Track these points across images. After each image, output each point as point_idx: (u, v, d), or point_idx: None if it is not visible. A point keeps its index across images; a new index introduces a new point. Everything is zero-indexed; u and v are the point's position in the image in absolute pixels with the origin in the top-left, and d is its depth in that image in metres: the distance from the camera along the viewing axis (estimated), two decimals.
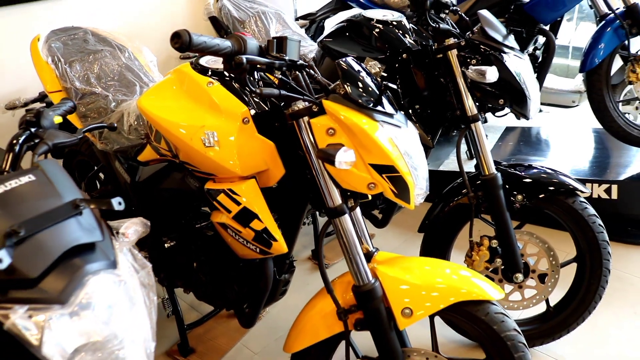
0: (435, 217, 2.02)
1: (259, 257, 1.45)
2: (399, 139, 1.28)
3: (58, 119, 1.18)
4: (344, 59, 1.29)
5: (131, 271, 0.93)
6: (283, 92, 1.17)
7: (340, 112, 1.23)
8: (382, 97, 1.28)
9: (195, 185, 1.54)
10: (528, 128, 3.43)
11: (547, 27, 2.69)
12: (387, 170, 1.25)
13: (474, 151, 1.88)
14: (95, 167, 2.20)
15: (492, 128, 3.43)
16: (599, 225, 1.91)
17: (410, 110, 1.95)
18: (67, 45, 2.03)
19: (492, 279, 1.98)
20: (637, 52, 2.52)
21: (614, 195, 2.61)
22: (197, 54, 1.85)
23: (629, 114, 3.04)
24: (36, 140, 1.09)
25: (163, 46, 3.00)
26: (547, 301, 2.02)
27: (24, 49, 2.13)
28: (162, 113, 1.45)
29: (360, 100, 1.24)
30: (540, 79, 2.78)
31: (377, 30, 1.96)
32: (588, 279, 1.94)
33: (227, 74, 1.44)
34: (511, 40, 1.83)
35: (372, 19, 1.99)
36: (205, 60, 1.51)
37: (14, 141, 1.05)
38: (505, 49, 1.78)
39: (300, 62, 1.22)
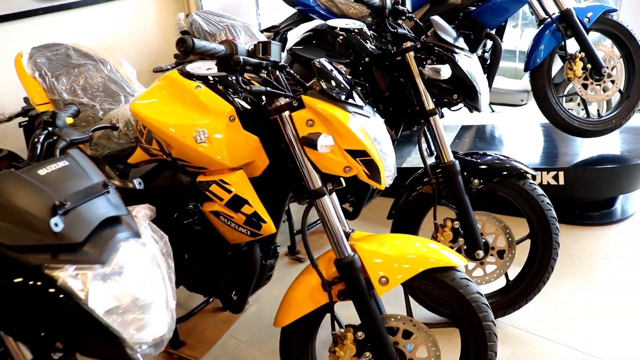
0: (401, 206, 2.22)
1: (249, 239, 1.61)
2: (368, 128, 1.47)
3: (70, 120, 1.32)
4: (318, 60, 1.48)
5: (152, 241, 1.08)
6: (269, 89, 1.35)
7: (317, 105, 1.42)
8: (353, 92, 1.47)
9: (187, 180, 1.69)
10: (482, 126, 3.69)
11: (493, 32, 2.96)
12: (360, 154, 1.45)
13: (434, 142, 2.09)
14: None
15: (448, 127, 3.67)
16: (547, 203, 2.14)
17: (374, 108, 2.16)
18: (51, 61, 2.15)
19: None
20: (575, 52, 2.80)
21: (561, 182, 2.87)
22: (168, 67, 2.03)
23: (572, 109, 3.34)
24: (54, 138, 1.23)
25: (137, 60, 3.13)
26: (506, 275, 2.24)
27: (2, 66, 2.23)
28: (155, 115, 1.61)
29: (334, 94, 1.43)
30: (490, 79, 3.03)
31: (340, 37, 2.16)
32: (541, 252, 2.18)
33: (211, 78, 1.61)
34: (461, 42, 2.06)
35: (336, 28, 2.20)
36: (191, 68, 1.68)
37: (36, 139, 1.19)
38: (456, 50, 2.01)
39: (282, 63, 1.41)
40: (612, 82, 2.86)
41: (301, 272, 1.65)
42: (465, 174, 2.11)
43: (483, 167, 2.11)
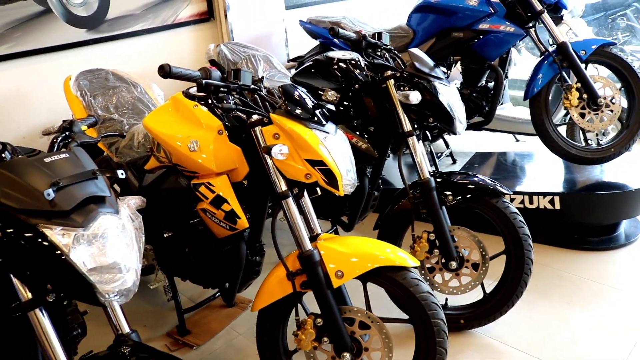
0: (385, 218, 2.45)
1: (228, 233, 1.90)
2: (328, 142, 1.74)
3: (84, 127, 1.68)
4: (286, 84, 1.78)
5: (129, 218, 1.39)
6: (239, 107, 1.66)
7: (282, 122, 1.71)
8: (316, 112, 1.75)
9: (185, 183, 2.01)
10: (497, 153, 3.85)
11: (496, 63, 3.16)
12: (318, 163, 1.72)
13: (412, 161, 2.32)
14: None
15: (462, 154, 3.86)
16: (520, 221, 2.31)
17: (362, 129, 2.42)
18: (92, 83, 2.57)
19: (434, 269, 2.39)
20: (575, 83, 2.95)
21: (557, 206, 2.99)
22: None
23: (590, 139, 3.43)
24: (69, 140, 1.58)
25: (173, 84, 3.55)
26: (483, 288, 2.40)
27: (54, 87, 2.68)
28: (161, 128, 1.95)
29: (297, 114, 1.72)
30: (492, 108, 3.22)
31: (334, 67, 2.45)
32: (514, 268, 2.33)
33: (210, 101, 1.94)
34: (438, 72, 2.30)
35: (334, 58, 2.49)
36: (194, 90, 2.02)
37: (54, 139, 1.55)
38: (432, 79, 2.25)
39: (253, 87, 1.71)
40: (611, 111, 2.98)
41: (275, 266, 1.92)
42: (441, 190, 2.32)
43: (458, 184, 2.31)
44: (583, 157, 3.03)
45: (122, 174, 1.38)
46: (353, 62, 2.45)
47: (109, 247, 1.32)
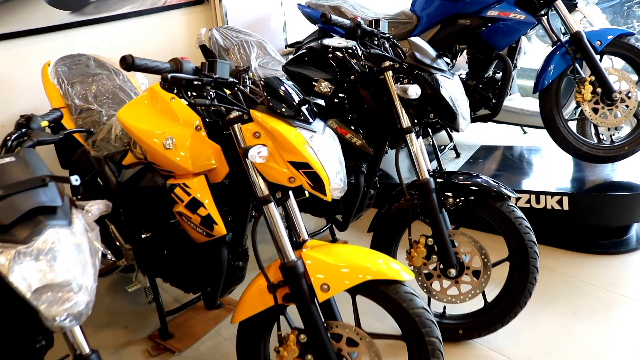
0: (381, 217, 2.28)
1: (206, 239, 1.75)
2: (314, 142, 1.57)
3: (44, 123, 1.52)
4: (269, 78, 1.60)
5: (83, 230, 1.24)
6: (214, 102, 1.49)
7: (263, 119, 1.54)
8: (301, 108, 1.58)
9: (162, 182, 1.85)
10: (502, 147, 3.66)
11: (504, 52, 2.96)
12: (302, 166, 1.55)
13: (410, 159, 2.15)
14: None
15: (466, 146, 3.68)
16: (526, 227, 2.14)
17: (357, 124, 2.25)
18: (71, 69, 2.40)
19: (432, 275, 2.23)
20: (589, 76, 2.76)
21: (566, 206, 2.82)
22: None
23: (602, 134, 3.24)
24: (25, 138, 1.42)
25: None
26: (484, 296, 2.25)
27: (36, 73, 2.51)
28: (135, 122, 1.78)
29: (280, 110, 1.54)
30: (500, 100, 3.03)
31: (329, 55, 2.27)
32: (518, 276, 2.17)
33: (181, 95, 1.77)
34: (440, 63, 2.11)
35: (329, 46, 2.31)
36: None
37: (7, 137, 1.39)
38: (433, 71, 2.07)
39: (231, 79, 1.54)
40: (627, 106, 2.78)
41: (256, 275, 1.76)
42: (441, 192, 2.15)
43: (459, 186, 2.14)
44: (595, 155, 2.85)
45: (76, 180, 1.22)
46: (350, 51, 2.27)
47: (59, 263, 1.17)
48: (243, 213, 1.87)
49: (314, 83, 2.28)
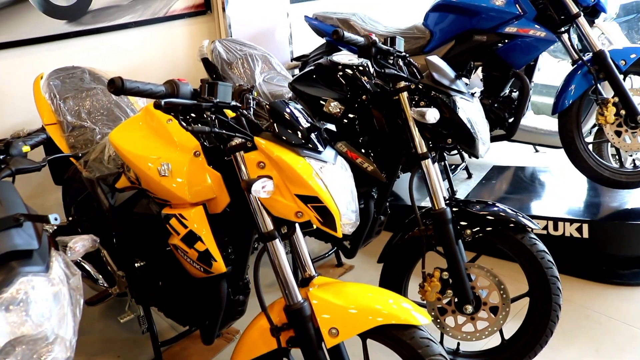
0: (393, 247, 2.13)
1: (204, 275, 1.60)
2: (324, 173, 1.42)
3: (26, 148, 1.37)
4: (275, 102, 1.46)
5: (62, 276, 1.09)
6: (215, 129, 1.34)
7: (268, 148, 1.39)
8: (311, 136, 1.43)
9: (157, 210, 1.70)
10: (515, 167, 3.51)
11: (520, 70, 2.82)
12: (311, 200, 1.40)
13: (426, 187, 2.00)
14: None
15: (478, 167, 3.53)
16: (548, 261, 1.99)
17: (368, 147, 2.10)
18: (64, 83, 2.27)
19: (446, 310, 2.08)
20: (612, 97, 2.61)
21: (585, 234, 2.67)
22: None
23: (623, 158, 3.08)
24: (2, 166, 1.28)
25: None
26: (501, 334, 2.09)
27: (30, 85, 2.37)
28: (127, 145, 1.64)
29: (286, 138, 1.40)
30: (516, 120, 2.89)
31: (340, 73, 2.13)
32: (539, 313, 2.02)
33: (188, 117, 1.62)
34: (459, 85, 1.97)
35: (339, 63, 2.17)
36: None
37: None
38: (452, 93, 1.92)
39: (234, 104, 1.40)
40: None
41: (258, 314, 1.61)
42: (457, 222, 2.00)
43: (478, 216, 1.99)
44: (617, 181, 2.70)
45: (55, 219, 1.07)
46: (361, 68, 2.12)
47: (34, 313, 1.02)
48: (245, 244, 1.72)
49: (322, 102, 2.13)
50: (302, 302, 1.47)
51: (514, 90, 2.95)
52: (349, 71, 2.12)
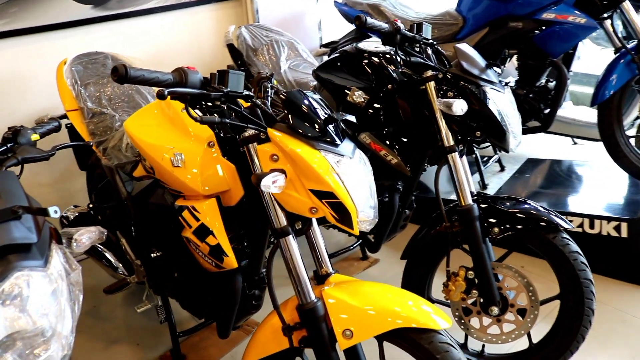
0: (417, 242, 2.04)
1: (215, 270, 1.56)
2: (341, 167, 1.35)
3: (35, 137, 1.34)
4: (291, 91, 1.39)
5: (61, 271, 1.06)
6: (225, 120, 1.28)
7: (282, 140, 1.32)
8: (327, 128, 1.36)
9: (171, 201, 1.66)
10: (550, 160, 3.36)
11: (558, 59, 2.67)
12: (326, 196, 1.33)
13: (452, 181, 1.91)
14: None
15: (512, 159, 3.39)
16: (581, 262, 1.87)
17: (393, 139, 2.02)
18: (86, 69, 2.24)
19: (471, 311, 1.99)
20: None
21: (624, 234, 2.52)
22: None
23: None
24: (9, 155, 1.25)
25: None
26: (529, 337, 1.99)
27: (55, 70, 2.37)
28: (141, 134, 1.60)
29: (301, 130, 1.33)
30: (552, 111, 2.75)
31: (365, 61, 2.04)
32: (570, 318, 1.91)
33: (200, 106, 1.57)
34: (490, 74, 1.86)
35: (365, 51, 2.08)
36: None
37: None
38: (482, 83, 1.82)
39: (246, 93, 1.33)
40: None
41: (271, 311, 1.56)
42: (485, 219, 1.90)
43: (506, 214, 1.89)
44: None
45: (55, 212, 1.04)
46: (388, 56, 2.03)
47: (30, 309, 0.99)
48: (261, 238, 1.66)
49: (346, 92, 2.05)
50: (315, 301, 1.41)
51: (551, 80, 2.80)
52: (375, 59, 2.03)
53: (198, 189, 1.50)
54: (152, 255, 1.91)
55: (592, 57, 4.10)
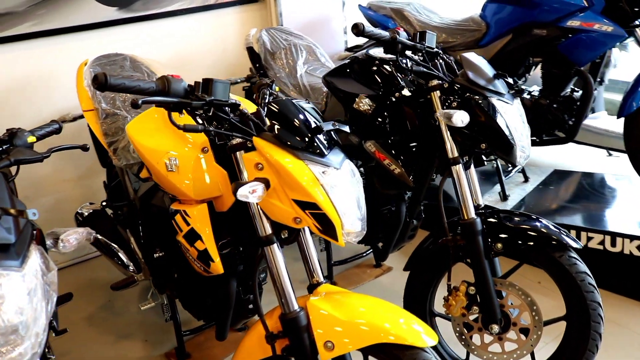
0: (421, 254, 2.00)
1: (205, 275, 1.57)
2: (327, 178, 1.34)
3: (32, 139, 1.39)
4: (279, 100, 1.39)
5: (37, 271, 1.09)
6: (209, 128, 1.29)
7: (266, 149, 1.33)
8: (315, 138, 1.35)
9: (169, 204, 1.69)
10: (579, 173, 3.23)
11: (584, 68, 2.57)
12: (309, 206, 1.32)
13: (456, 194, 1.86)
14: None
15: (537, 170, 3.28)
16: (589, 284, 1.79)
17: (399, 148, 1.99)
18: (104, 70, 2.30)
19: (472, 327, 1.94)
20: None
21: None
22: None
23: None
24: (3, 156, 1.30)
25: (212, 71, 3.26)
26: (532, 357, 1.92)
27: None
28: (140, 138, 1.63)
29: (286, 140, 1.32)
30: (577, 123, 2.64)
31: (374, 68, 2.02)
32: (576, 341, 1.83)
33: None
34: (498, 85, 1.80)
35: (375, 58, 2.06)
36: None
37: None
38: (488, 94, 1.76)
39: (232, 102, 1.34)
40: None
41: (258, 320, 1.56)
42: (490, 234, 1.85)
43: (510, 229, 1.83)
44: None
45: (33, 214, 1.07)
46: (398, 63, 2.00)
47: (5, 306, 1.02)
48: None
49: (354, 99, 2.04)
50: (298, 311, 1.40)
51: (577, 89, 2.69)
52: (387, 67, 2.01)
53: (190, 194, 1.51)
54: (155, 255, 1.95)
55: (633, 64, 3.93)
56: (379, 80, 2.01)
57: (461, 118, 1.65)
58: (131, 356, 2.39)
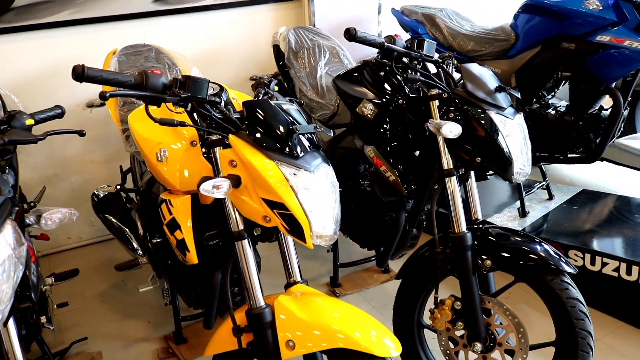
0: (412, 263, 1.98)
1: (186, 263, 1.62)
2: (297, 180, 1.35)
3: (30, 121, 1.48)
4: (257, 100, 1.42)
5: (6, 245, 1.17)
6: (183, 123, 1.34)
7: (239, 147, 1.36)
8: (289, 138, 1.37)
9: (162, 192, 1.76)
10: (609, 195, 3.08)
11: (615, 85, 2.45)
12: (278, 206, 1.34)
13: (448, 207, 1.83)
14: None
15: (565, 188, 3.15)
16: (580, 311, 1.73)
17: (399, 155, 1.97)
18: (128, 59, 2.41)
19: (457, 342, 1.90)
20: None
21: None
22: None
23: None
24: None
25: (242, 66, 3.33)
26: None
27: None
28: (139, 128, 1.70)
29: (258, 139, 1.35)
30: (602, 143, 2.53)
31: (381, 73, 2.02)
32: None
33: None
34: (499, 98, 1.76)
35: (386, 63, 2.05)
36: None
37: None
38: (487, 107, 1.72)
39: (210, 99, 1.38)
40: None
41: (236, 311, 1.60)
42: (482, 251, 1.81)
43: (501, 247, 1.78)
44: None
45: (9, 191, 1.15)
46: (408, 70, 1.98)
47: None
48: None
49: (360, 103, 2.04)
50: (263, 307, 1.44)
51: (606, 108, 2.57)
52: (392, 72, 1.99)
53: (175, 185, 1.57)
54: (154, 240, 2.03)
55: None
56: (385, 86, 2.00)
57: (450, 129, 1.62)
58: (133, 335, 2.49)
